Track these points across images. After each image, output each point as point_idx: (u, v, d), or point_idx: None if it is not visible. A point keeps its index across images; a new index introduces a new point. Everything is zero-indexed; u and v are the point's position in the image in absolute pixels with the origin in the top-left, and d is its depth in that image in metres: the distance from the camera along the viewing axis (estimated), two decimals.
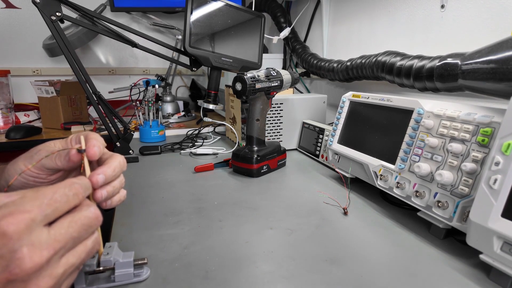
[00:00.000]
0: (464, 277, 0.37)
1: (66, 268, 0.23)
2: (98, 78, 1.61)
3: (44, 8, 0.71)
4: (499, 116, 0.39)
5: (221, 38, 0.85)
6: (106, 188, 0.29)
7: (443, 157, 0.44)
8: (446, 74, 0.56)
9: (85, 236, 0.25)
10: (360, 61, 0.82)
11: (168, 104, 1.48)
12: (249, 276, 0.37)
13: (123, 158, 0.31)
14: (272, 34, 1.26)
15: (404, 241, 0.46)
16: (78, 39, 1.32)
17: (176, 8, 1.44)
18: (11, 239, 0.19)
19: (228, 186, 0.67)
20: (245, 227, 0.49)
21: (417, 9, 0.77)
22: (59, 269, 0.22)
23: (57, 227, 0.23)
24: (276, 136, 0.92)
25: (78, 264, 0.25)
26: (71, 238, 0.23)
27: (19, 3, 1.43)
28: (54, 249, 0.22)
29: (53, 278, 0.22)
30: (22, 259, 0.20)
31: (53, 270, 0.22)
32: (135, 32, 0.81)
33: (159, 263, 0.40)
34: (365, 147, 0.60)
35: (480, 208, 0.36)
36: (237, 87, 0.69)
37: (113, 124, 0.85)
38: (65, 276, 0.24)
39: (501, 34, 0.59)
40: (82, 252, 0.25)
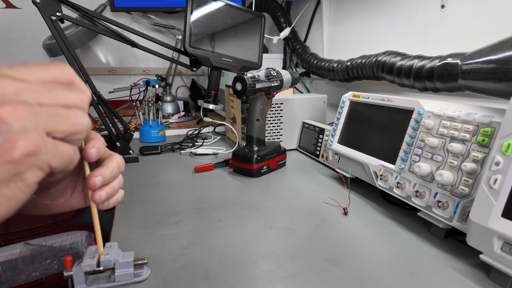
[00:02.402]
0: (464, 277, 0.37)
1: (43, 109, 0.20)
2: (98, 78, 1.61)
3: (44, 8, 0.71)
4: (499, 116, 0.39)
5: (221, 38, 0.85)
6: (105, 190, 0.29)
7: (443, 157, 0.44)
8: (446, 74, 0.56)
9: (65, 96, 0.22)
10: (360, 61, 0.82)
11: (168, 104, 1.48)
12: (249, 276, 0.37)
13: (121, 159, 0.31)
14: (272, 34, 1.26)
15: (404, 241, 0.46)
16: (78, 39, 1.32)
17: (176, 8, 1.44)
18: None
19: (228, 186, 0.67)
20: (245, 227, 0.49)
21: (417, 9, 0.77)
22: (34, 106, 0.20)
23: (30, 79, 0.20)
24: (276, 136, 0.92)
25: (58, 116, 0.21)
26: (45, 87, 0.21)
27: (19, 3, 1.43)
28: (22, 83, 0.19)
29: (26, 105, 0.19)
30: None
31: (24, 100, 0.19)
32: (135, 32, 0.81)
33: (159, 263, 0.40)
34: (365, 147, 0.60)
35: (480, 208, 0.36)
36: (237, 87, 0.69)
37: (113, 124, 0.85)
38: (43, 117, 0.20)
39: (501, 34, 0.59)
40: (64, 109, 0.22)
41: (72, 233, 1.26)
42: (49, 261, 1.17)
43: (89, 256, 0.35)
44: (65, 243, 1.24)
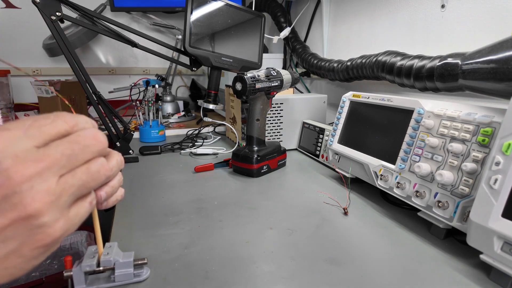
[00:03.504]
0: (464, 277, 0.37)
1: (65, 187, 0.21)
2: (98, 78, 1.61)
3: (44, 8, 0.71)
4: (500, 116, 0.39)
5: (221, 38, 0.85)
6: (105, 189, 0.29)
7: (443, 157, 0.44)
8: (447, 74, 0.56)
9: (82, 156, 0.23)
10: (361, 61, 0.82)
11: (168, 104, 1.48)
12: (249, 276, 0.37)
13: (120, 156, 0.31)
14: (272, 34, 1.26)
15: (404, 241, 0.46)
16: (78, 39, 1.32)
17: (176, 8, 1.44)
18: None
19: (228, 186, 0.67)
20: (245, 227, 0.49)
21: (417, 9, 0.77)
22: (56, 186, 0.21)
23: (46, 145, 0.21)
24: (276, 136, 0.92)
25: (80, 185, 0.23)
26: (63, 155, 0.21)
27: (19, 3, 1.43)
28: (43, 162, 0.20)
29: (50, 194, 0.20)
30: (7, 170, 0.19)
31: (49, 185, 0.20)
32: (135, 32, 0.81)
33: (159, 263, 0.39)
34: (366, 147, 0.60)
35: (480, 208, 0.36)
36: (237, 87, 0.69)
37: (113, 124, 0.85)
38: (67, 197, 0.22)
39: (501, 34, 0.58)
40: (83, 174, 0.23)
41: (72, 233, 1.26)
42: (49, 261, 1.17)
43: (89, 256, 0.35)
44: (65, 243, 1.24)
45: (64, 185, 0.21)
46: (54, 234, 0.21)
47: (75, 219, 0.23)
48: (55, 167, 0.21)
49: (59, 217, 0.21)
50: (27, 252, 0.21)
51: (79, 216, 0.23)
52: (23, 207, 0.19)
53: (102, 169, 0.24)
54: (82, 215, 0.24)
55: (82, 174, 0.23)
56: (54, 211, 0.21)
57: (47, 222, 0.20)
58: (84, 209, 0.24)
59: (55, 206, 0.21)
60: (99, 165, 0.24)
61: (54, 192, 0.21)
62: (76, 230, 1.28)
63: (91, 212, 0.31)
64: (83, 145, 0.23)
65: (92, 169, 0.23)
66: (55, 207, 0.21)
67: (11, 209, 0.19)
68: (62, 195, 0.21)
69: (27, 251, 0.20)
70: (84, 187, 0.23)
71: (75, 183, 0.22)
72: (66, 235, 0.22)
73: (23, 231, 0.20)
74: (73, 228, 0.23)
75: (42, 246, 0.21)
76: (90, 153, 0.23)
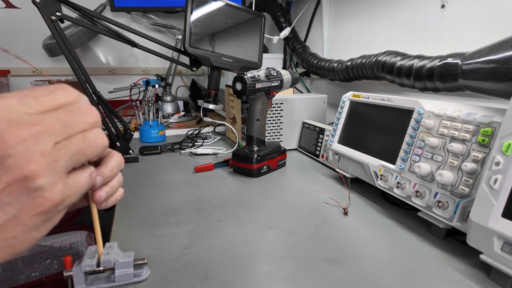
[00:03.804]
0: (464, 277, 0.37)
1: (62, 152, 0.21)
2: (98, 78, 1.61)
3: (44, 8, 0.71)
4: (500, 116, 0.39)
5: (221, 38, 0.85)
6: (105, 189, 0.29)
7: (443, 157, 0.44)
8: (447, 74, 0.56)
9: (77, 125, 0.22)
10: (361, 61, 0.82)
11: (168, 104, 1.48)
12: (249, 276, 0.37)
13: (120, 156, 0.31)
14: (272, 34, 1.26)
15: (404, 241, 0.46)
16: (78, 39, 1.32)
17: (176, 8, 1.44)
18: None
19: (228, 186, 0.67)
20: (245, 227, 0.49)
21: (417, 9, 0.77)
22: (52, 150, 0.20)
23: (40, 112, 0.21)
24: (276, 136, 0.92)
25: (76, 150, 0.22)
26: (59, 121, 0.21)
27: (19, 3, 1.43)
28: (38, 126, 0.20)
29: (46, 156, 0.20)
30: (0, 133, 0.19)
31: (44, 148, 0.20)
32: (135, 32, 0.81)
33: (159, 263, 0.39)
34: (366, 147, 0.60)
35: (480, 208, 0.36)
36: (237, 87, 0.69)
37: (113, 124, 0.85)
38: (63, 161, 0.21)
39: (501, 34, 0.59)
40: (79, 140, 0.22)
41: (72, 233, 1.26)
42: (49, 261, 1.17)
43: (89, 256, 0.35)
44: (65, 243, 1.24)
45: (60, 150, 0.21)
46: (52, 198, 0.20)
47: (74, 187, 0.22)
48: (50, 132, 0.21)
49: (57, 181, 0.21)
50: (26, 220, 0.20)
51: (78, 185, 0.23)
52: (18, 168, 0.19)
53: (98, 138, 0.24)
54: (81, 185, 0.23)
55: (78, 140, 0.22)
56: (51, 174, 0.20)
57: (44, 184, 0.20)
58: (83, 179, 0.23)
59: (52, 169, 0.20)
60: (95, 133, 0.24)
61: (50, 155, 0.20)
62: (76, 230, 1.28)
63: (91, 212, 0.31)
64: (79, 115, 0.23)
65: (88, 137, 0.23)
66: (52, 170, 0.20)
67: (5, 172, 0.19)
68: (59, 159, 0.21)
69: (26, 218, 0.20)
70: (81, 154, 0.22)
71: (72, 148, 0.22)
72: (66, 204, 0.22)
73: (20, 196, 0.19)
74: (73, 197, 0.22)
75: (42, 213, 0.20)
76: (86, 123, 0.23)
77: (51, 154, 0.20)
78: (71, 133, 0.22)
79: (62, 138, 0.21)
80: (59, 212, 0.22)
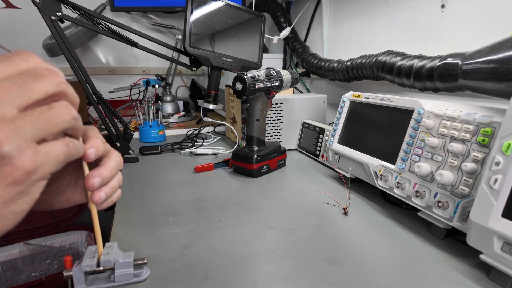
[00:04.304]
0: (464, 277, 0.37)
1: (26, 119, 0.19)
2: (98, 78, 1.61)
3: (44, 8, 0.71)
4: (500, 116, 0.39)
5: (221, 38, 0.85)
6: (104, 190, 0.28)
7: (443, 157, 0.44)
8: (447, 74, 0.56)
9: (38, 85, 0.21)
10: (360, 61, 0.82)
11: (168, 104, 1.48)
12: (249, 276, 0.37)
13: (119, 157, 0.31)
14: (272, 34, 1.26)
15: (404, 241, 0.46)
16: (78, 39, 1.32)
17: (176, 8, 1.44)
18: None
19: (228, 186, 0.67)
20: (245, 227, 0.49)
21: (417, 9, 0.77)
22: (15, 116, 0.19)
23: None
24: (276, 136, 0.92)
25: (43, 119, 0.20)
26: (14, 83, 0.20)
27: (19, 3, 1.43)
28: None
29: (8, 122, 0.19)
30: None
31: (4, 113, 0.19)
32: (135, 32, 0.81)
33: (159, 263, 0.39)
34: (366, 147, 0.60)
35: (480, 208, 0.36)
36: (237, 87, 0.69)
37: (113, 124, 0.85)
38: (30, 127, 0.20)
39: (501, 34, 0.59)
40: (44, 109, 0.21)
41: (72, 233, 1.26)
42: (49, 261, 1.17)
43: (89, 256, 0.35)
44: (65, 243, 1.24)
45: (24, 116, 0.19)
46: (22, 165, 0.19)
47: (48, 156, 0.21)
48: (8, 96, 0.19)
49: (25, 147, 0.19)
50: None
51: (52, 153, 0.21)
52: None
53: (66, 108, 0.22)
54: (55, 153, 0.22)
55: (44, 109, 0.21)
56: (17, 140, 0.19)
57: (10, 151, 0.18)
58: (59, 148, 0.22)
59: (17, 135, 0.19)
60: (62, 104, 0.22)
61: (13, 121, 0.19)
62: (76, 230, 1.28)
63: (91, 212, 0.31)
64: (38, 77, 0.21)
65: (55, 106, 0.21)
66: (17, 136, 0.19)
67: None
68: (23, 125, 0.19)
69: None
70: (49, 122, 0.21)
71: (37, 116, 0.20)
72: (41, 173, 0.20)
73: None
74: (48, 165, 0.21)
75: (14, 182, 0.19)
76: (47, 84, 0.21)
77: (14, 121, 0.19)
78: (33, 96, 0.20)
79: (24, 102, 0.20)
80: (36, 183, 0.20)
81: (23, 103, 0.20)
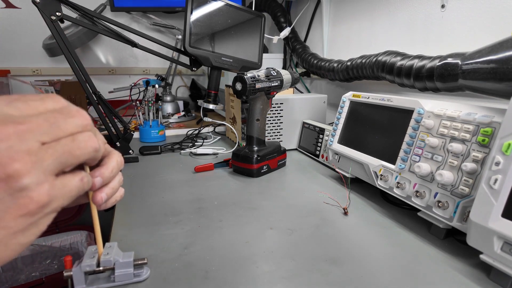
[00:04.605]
0: (464, 277, 0.37)
1: (49, 151, 0.20)
2: (98, 78, 1.61)
3: (44, 8, 0.71)
4: (500, 116, 0.39)
5: (221, 38, 0.85)
6: (105, 191, 0.28)
7: (443, 157, 0.44)
8: (447, 74, 0.56)
9: (65, 125, 0.22)
10: (360, 61, 0.82)
11: (168, 104, 1.48)
12: (249, 276, 0.37)
13: (120, 157, 0.30)
14: (272, 34, 1.26)
15: (404, 241, 0.46)
16: (78, 39, 1.32)
17: (176, 8, 1.44)
18: None
19: (228, 186, 0.67)
20: (245, 227, 0.49)
21: (417, 9, 0.77)
22: (39, 149, 0.19)
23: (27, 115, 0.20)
24: (276, 136, 0.92)
25: (65, 151, 0.21)
26: (46, 121, 0.20)
27: (19, 3, 1.43)
28: (24, 125, 0.19)
29: (31, 155, 0.19)
30: None
31: (30, 147, 0.19)
32: (135, 32, 0.81)
33: (159, 263, 0.39)
34: (366, 147, 0.60)
35: (480, 208, 0.36)
36: (237, 87, 0.69)
37: (113, 124, 0.85)
38: (51, 160, 0.20)
39: (501, 34, 0.59)
40: (68, 141, 0.21)
41: (72, 233, 1.26)
42: (49, 261, 1.17)
43: (89, 256, 0.35)
44: (65, 243, 1.24)
45: (47, 149, 0.20)
46: (38, 198, 0.19)
47: (63, 190, 0.21)
48: (37, 131, 0.20)
49: (43, 181, 0.20)
50: (10, 222, 0.19)
51: (67, 187, 0.22)
52: (1, 167, 0.18)
53: (89, 140, 0.23)
54: (70, 188, 0.22)
55: (67, 141, 0.21)
56: (37, 174, 0.19)
57: (29, 184, 0.19)
58: (74, 182, 0.22)
59: (38, 168, 0.19)
60: (85, 135, 0.23)
61: (36, 154, 0.19)
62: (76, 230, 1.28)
63: (91, 212, 0.31)
64: (68, 116, 0.22)
65: (78, 138, 0.22)
66: (38, 170, 0.19)
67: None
68: (46, 158, 0.20)
69: (10, 220, 0.19)
70: (70, 155, 0.21)
71: (60, 149, 0.21)
72: (54, 207, 0.21)
73: (4, 196, 0.18)
74: (61, 199, 0.21)
75: (27, 214, 0.19)
76: (75, 125, 0.22)
77: (37, 154, 0.19)
78: (60, 134, 0.21)
79: (49, 138, 0.20)
80: (47, 215, 0.21)
81: (49, 140, 0.20)
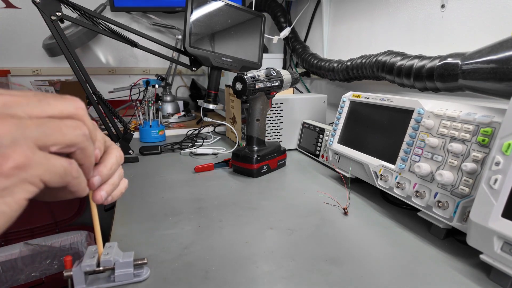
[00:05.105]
0: (464, 277, 0.37)
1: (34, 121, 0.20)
2: (98, 78, 1.61)
3: (44, 8, 0.71)
4: (500, 116, 0.39)
5: (221, 38, 0.85)
6: (105, 189, 0.28)
7: (443, 157, 0.44)
8: (447, 74, 0.56)
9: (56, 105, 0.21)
10: (360, 61, 0.82)
11: (168, 104, 1.48)
12: (249, 276, 0.37)
13: (119, 152, 0.30)
14: (272, 34, 1.26)
15: (404, 241, 0.46)
16: (78, 39, 1.32)
17: (176, 8, 1.44)
18: None
19: (228, 186, 0.67)
20: (245, 227, 0.49)
21: (417, 9, 0.77)
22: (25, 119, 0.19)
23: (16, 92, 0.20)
24: (276, 136, 0.92)
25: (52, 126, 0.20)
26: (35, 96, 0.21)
27: (19, 3, 1.43)
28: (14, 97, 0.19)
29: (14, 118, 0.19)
30: None
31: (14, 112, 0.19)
32: (135, 32, 0.81)
33: (159, 263, 0.39)
34: (366, 147, 0.60)
35: (480, 208, 0.36)
36: (237, 87, 0.69)
37: (113, 124, 0.85)
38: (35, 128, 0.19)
39: (501, 34, 0.59)
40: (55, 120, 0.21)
41: (72, 233, 1.26)
42: (49, 261, 1.17)
43: (89, 256, 0.35)
44: (65, 243, 1.24)
45: (33, 120, 0.19)
46: (14, 157, 0.18)
47: (46, 161, 0.20)
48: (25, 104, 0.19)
49: (23, 144, 0.19)
50: None
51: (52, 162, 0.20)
52: None
53: (78, 125, 0.22)
54: (55, 163, 0.21)
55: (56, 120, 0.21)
56: (17, 134, 0.18)
57: (7, 141, 0.18)
58: (60, 161, 0.21)
59: (19, 130, 0.18)
60: (75, 121, 0.22)
61: (20, 119, 0.19)
62: (76, 230, 1.28)
63: (91, 212, 0.31)
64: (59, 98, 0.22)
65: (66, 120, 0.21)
66: (19, 132, 0.18)
67: None
68: (29, 125, 0.19)
69: None
70: (56, 130, 0.20)
71: (46, 122, 0.20)
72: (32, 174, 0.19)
73: None
74: (43, 169, 0.20)
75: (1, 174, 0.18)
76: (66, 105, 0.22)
77: (21, 119, 0.19)
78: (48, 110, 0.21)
79: (37, 113, 0.20)
80: (22, 183, 0.19)
81: (37, 113, 0.20)
